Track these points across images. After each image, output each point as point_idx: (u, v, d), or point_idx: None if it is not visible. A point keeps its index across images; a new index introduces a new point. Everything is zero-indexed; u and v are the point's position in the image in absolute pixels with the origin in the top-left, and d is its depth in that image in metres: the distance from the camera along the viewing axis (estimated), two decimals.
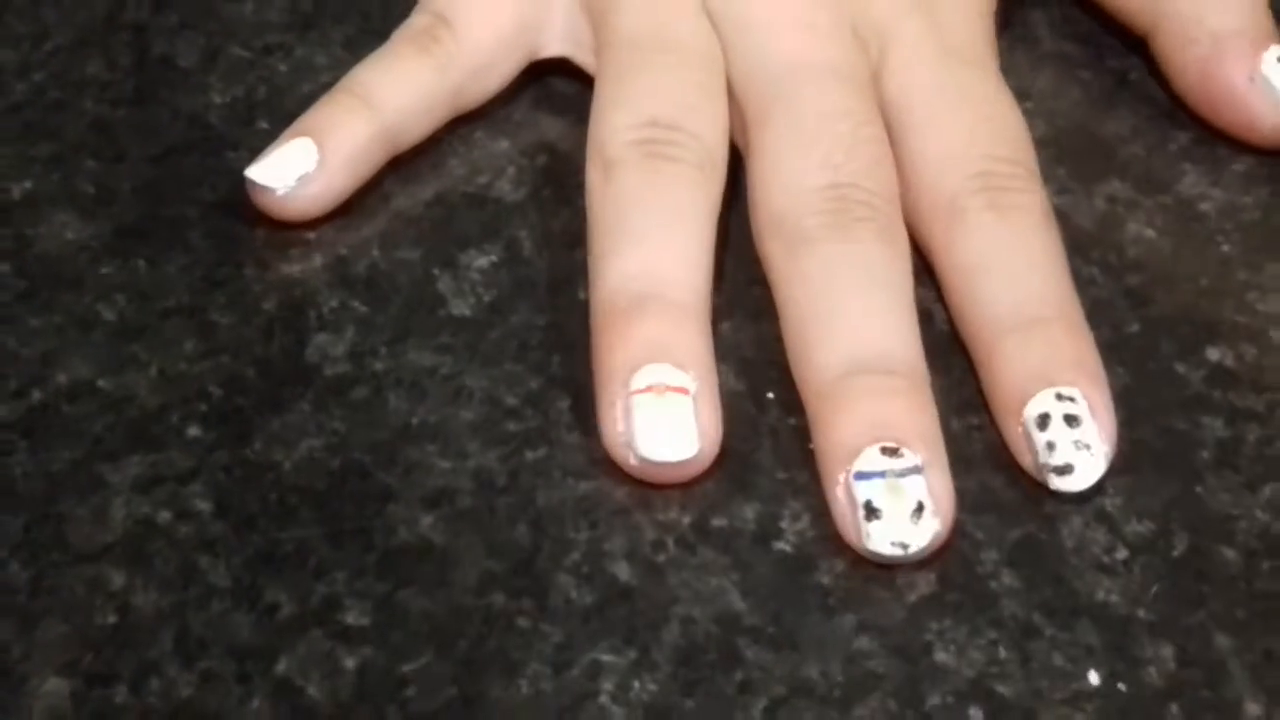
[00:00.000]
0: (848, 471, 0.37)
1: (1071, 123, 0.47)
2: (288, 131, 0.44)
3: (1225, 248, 0.44)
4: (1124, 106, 0.47)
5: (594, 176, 0.42)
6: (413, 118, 0.45)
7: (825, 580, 0.37)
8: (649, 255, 0.40)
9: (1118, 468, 0.39)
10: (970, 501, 0.39)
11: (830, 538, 0.38)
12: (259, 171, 0.43)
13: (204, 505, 0.39)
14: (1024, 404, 0.38)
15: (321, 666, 0.36)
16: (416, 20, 0.46)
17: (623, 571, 0.38)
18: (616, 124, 0.42)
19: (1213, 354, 0.42)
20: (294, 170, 0.43)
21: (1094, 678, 0.36)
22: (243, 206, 0.44)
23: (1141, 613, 0.37)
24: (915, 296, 0.41)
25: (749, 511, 0.39)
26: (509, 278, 0.43)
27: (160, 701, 0.36)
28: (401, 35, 0.45)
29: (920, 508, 0.37)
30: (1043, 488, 0.38)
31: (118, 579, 0.37)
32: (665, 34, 0.44)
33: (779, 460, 0.39)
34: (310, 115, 0.44)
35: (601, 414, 0.39)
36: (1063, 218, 0.43)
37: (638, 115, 0.42)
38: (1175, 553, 0.38)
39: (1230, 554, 0.38)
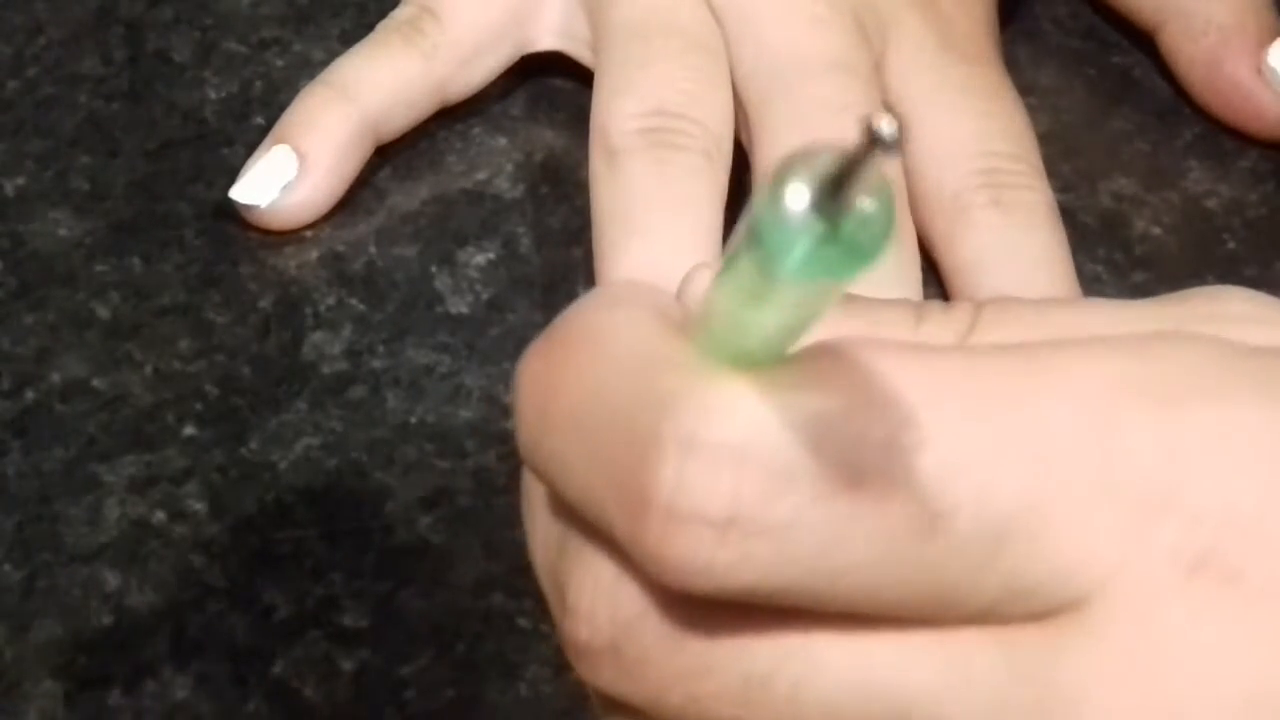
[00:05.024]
0: None
1: (1076, 119, 0.47)
2: (268, 138, 0.44)
3: (1231, 245, 0.44)
4: (1129, 103, 0.47)
5: (598, 165, 0.42)
6: (396, 109, 0.44)
7: None
8: (656, 250, 0.40)
9: None
10: None
11: None
12: (241, 191, 0.43)
13: (199, 505, 0.38)
14: None
15: (319, 668, 0.36)
16: (402, 11, 0.46)
17: None
18: (621, 111, 0.42)
19: None
20: (276, 181, 0.43)
21: None
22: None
23: None
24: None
25: None
26: (507, 275, 0.43)
27: (155, 703, 0.35)
28: (386, 26, 0.45)
29: None
30: None
31: (112, 580, 0.37)
32: (668, 21, 0.43)
33: None
34: (289, 116, 0.44)
35: None
36: (1068, 215, 0.43)
37: (643, 103, 0.42)
38: None
39: None
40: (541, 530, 0.26)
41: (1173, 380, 0.23)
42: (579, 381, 0.24)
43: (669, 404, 0.23)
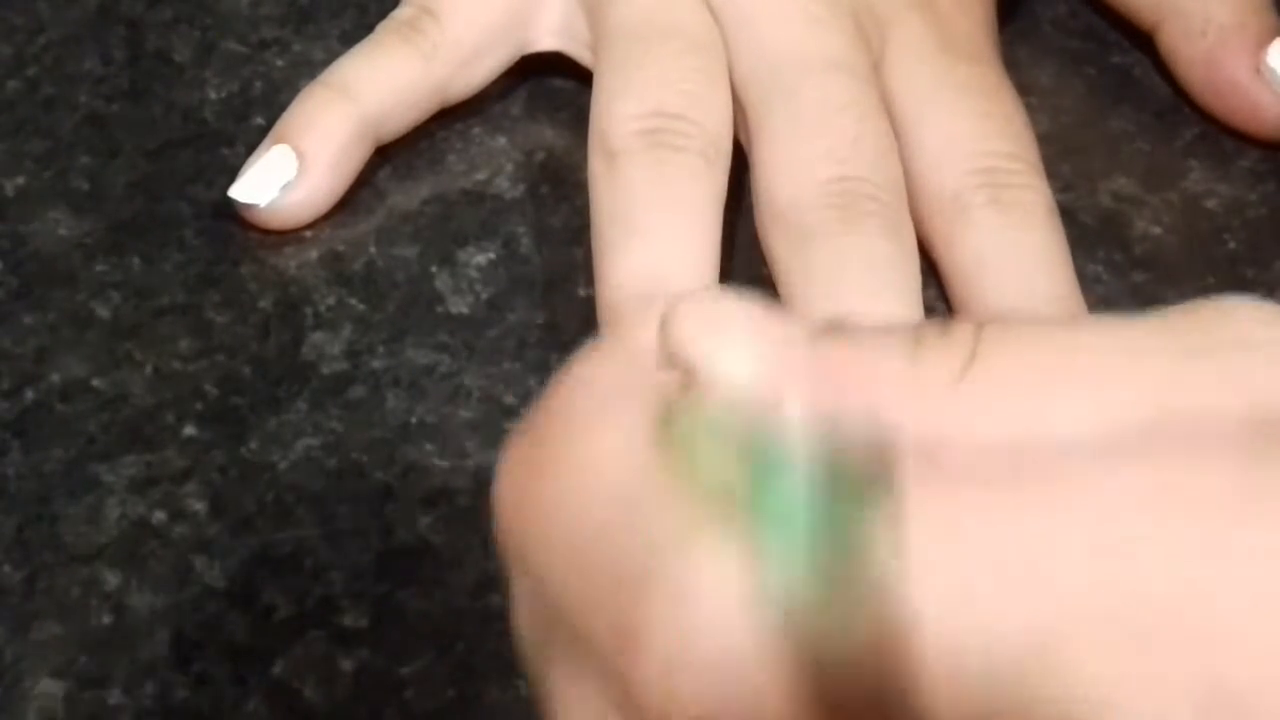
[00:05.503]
0: None
1: (1076, 118, 0.47)
2: (268, 138, 0.44)
3: (1232, 245, 0.44)
4: (1129, 102, 0.47)
5: (597, 166, 0.42)
6: (395, 110, 0.44)
7: None
8: (657, 251, 0.40)
9: None
10: None
11: None
12: (241, 190, 0.43)
13: (199, 505, 0.38)
14: None
15: (319, 668, 0.36)
16: (402, 12, 0.46)
17: None
18: (620, 113, 0.42)
19: None
20: (275, 181, 0.43)
21: None
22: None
23: None
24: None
25: None
26: (507, 275, 0.43)
27: (155, 704, 0.35)
28: (386, 27, 0.45)
29: None
30: None
31: (112, 580, 0.37)
32: (667, 22, 0.43)
33: None
34: (288, 116, 0.44)
35: None
36: (1067, 215, 0.43)
37: (642, 104, 0.42)
38: None
39: None
40: (525, 619, 0.25)
41: (1190, 496, 0.22)
42: (564, 503, 0.23)
43: (665, 547, 0.22)
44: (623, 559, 0.22)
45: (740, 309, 0.24)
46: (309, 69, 0.47)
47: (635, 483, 0.23)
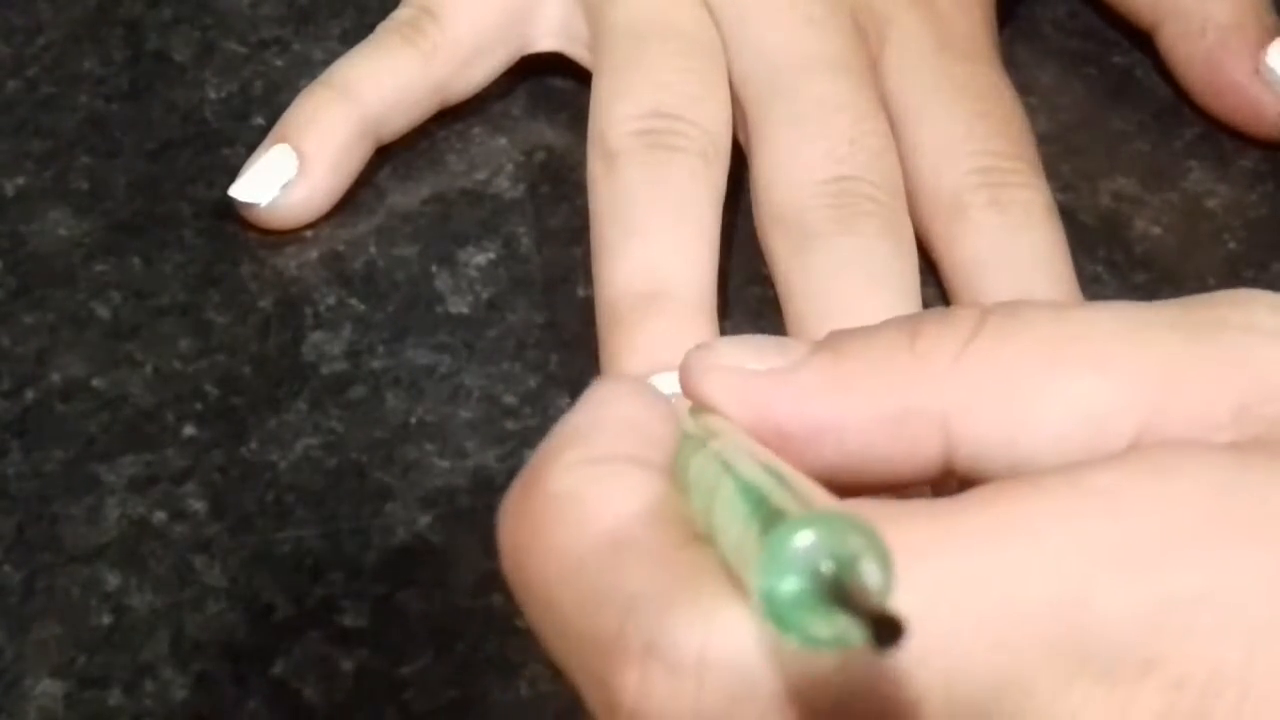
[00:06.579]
0: None
1: (1076, 119, 0.47)
2: (268, 138, 0.44)
3: (1232, 245, 0.44)
4: (1129, 102, 0.47)
5: (596, 167, 0.42)
6: (395, 110, 0.44)
7: None
8: (655, 251, 0.40)
9: None
10: None
11: None
12: (241, 189, 0.43)
13: (199, 505, 0.38)
14: None
15: (318, 668, 0.36)
16: (402, 12, 0.46)
17: None
18: (618, 114, 0.42)
19: None
20: (276, 180, 0.43)
21: None
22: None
23: None
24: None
25: None
26: (507, 275, 0.43)
27: (155, 703, 0.35)
28: (386, 27, 0.45)
29: None
30: None
31: (112, 580, 0.37)
32: (666, 24, 0.43)
33: None
34: (289, 116, 0.44)
35: None
36: (1068, 215, 0.43)
37: (640, 105, 0.42)
38: None
39: None
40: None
41: (1148, 539, 0.23)
42: (551, 559, 0.24)
43: (634, 606, 0.23)
44: (604, 615, 0.23)
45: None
46: (309, 69, 0.47)
47: (619, 535, 0.24)
